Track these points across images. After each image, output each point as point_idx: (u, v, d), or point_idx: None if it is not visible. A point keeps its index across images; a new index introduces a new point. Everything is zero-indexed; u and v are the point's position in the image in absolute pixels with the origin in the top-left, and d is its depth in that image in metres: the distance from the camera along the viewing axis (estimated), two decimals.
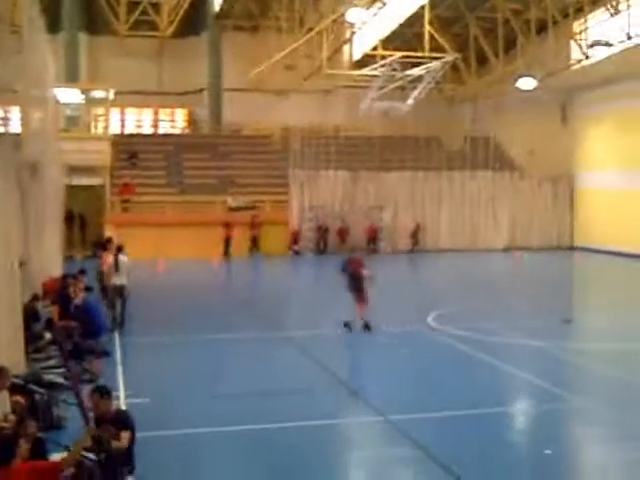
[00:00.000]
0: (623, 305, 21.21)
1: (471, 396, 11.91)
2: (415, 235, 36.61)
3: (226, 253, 33.93)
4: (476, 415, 10.91)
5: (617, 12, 30.93)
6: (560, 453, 9.48)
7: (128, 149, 38.18)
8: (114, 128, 39.10)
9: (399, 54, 30.46)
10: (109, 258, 17.26)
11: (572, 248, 38.17)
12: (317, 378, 13.10)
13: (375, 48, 35.53)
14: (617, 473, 8.90)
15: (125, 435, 7.85)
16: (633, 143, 34.36)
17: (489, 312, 19.64)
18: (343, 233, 36.01)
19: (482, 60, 38.49)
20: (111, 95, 36.02)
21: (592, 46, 33.32)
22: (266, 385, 12.65)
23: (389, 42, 35.92)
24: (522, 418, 11.54)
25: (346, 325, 16.69)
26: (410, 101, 32.57)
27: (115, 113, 40.24)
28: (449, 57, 30.93)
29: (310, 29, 32.64)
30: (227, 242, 34.03)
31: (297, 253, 35.37)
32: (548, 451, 9.48)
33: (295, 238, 35.73)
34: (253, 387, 12.54)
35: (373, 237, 36.25)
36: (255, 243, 34.81)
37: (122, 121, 42.31)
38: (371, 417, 10.95)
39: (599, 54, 33.80)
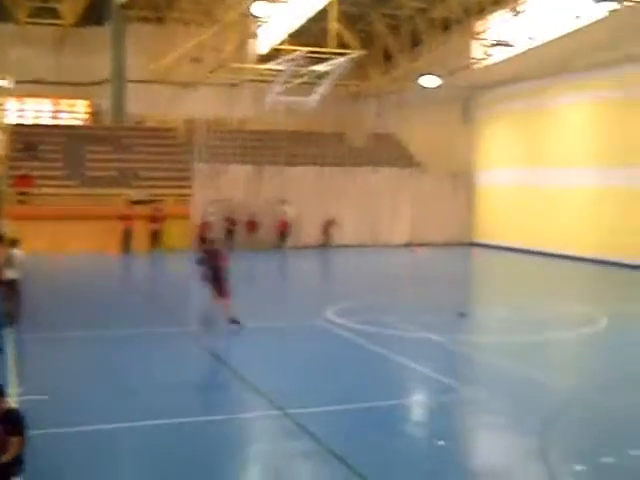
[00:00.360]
0: (517, 299, 21.78)
1: (368, 389, 12.04)
2: (327, 230, 36.59)
3: (127, 247, 33.31)
4: (372, 408, 11.02)
5: (518, 13, 31.73)
6: (452, 444, 9.66)
7: (26, 140, 37.09)
8: (13, 118, 37.87)
9: (305, 49, 30.47)
10: (2, 252, 16.73)
11: (472, 244, 39.01)
12: (217, 373, 13.05)
13: (282, 43, 35.49)
14: (506, 462, 9.11)
15: (14, 441, 7.54)
16: (529, 142, 35.38)
17: (387, 306, 19.91)
18: (252, 226, 35.88)
19: (387, 57, 38.94)
20: (9, 84, 34.91)
21: (493, 46, 34.15)
22: (165, 380, 12.47)
23: (296, 37, 35.90)
24: (417, 410, 11.72)
25: (233, 322, 16.27)
26: (315, 96, 32.64)
27: (14, 103, 39.01)
28: (354, 53, 31.12)
29: (217, 22, 32.37)
30: (127, 236, 33.39)
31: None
32: (441, 442, 9.66)
33: (203, 232, 35.02)
34: (152, 382, 12.37)
35: (284, 231, 36.20)
36: (157, 237, 34.30)
37: (21, 111, 41.09)
38: (269, 411, 10.93)
39: (500, 54, 34.66)
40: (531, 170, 35.28)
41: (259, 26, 35.28)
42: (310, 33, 37.41)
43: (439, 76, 34.82)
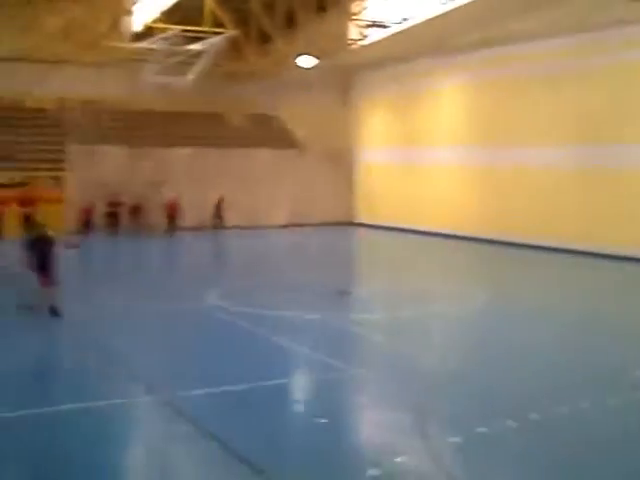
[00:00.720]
0: (397, 277, 22.14)
1: (248, 370, 11.93)
2: (218, 212, 35.55)
3: None
4: (252, 389, 10.92)
5: None
6: (334, 422, 9.68)
7: None
8: None
9: (179, 28, 29.88)
10: None
11: (353, 224, 39.43)
12: (95, 359, 12.64)
13: (156, 21, 34.66)
14: (386, 437, 9.20)
15: None
16: (407, 122, 35.99)
17: (269, 288, 19.87)
18: (136, 210, 34.84)
19: (264, 37, 38.65)
20: None
21: (369, 27, 34.42)
22: (39, 367, 12.05)
23: (170, 15, 35.14)
24: (298, 390, 11.70)
25: (54, 311, 15.30)
26: (191, 76, 32.10)
27: None
28: (229, 33, 30.74)
29: None
30: None
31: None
32: (323, 420, 9.67)
33: (87, 217, 33.84)
34: (25, 369, 11.89)
35: (173, 214, 35.11)
36: (28, 221, 33.00)
37: None
38: (148, 396, 10.69)
39: (376, 35, 34.98)
40: (409, 150, 35.91)
41: (134, 3, 34.36)
42: (184, 11, 36.73)
43: (316, 57, 34.84)
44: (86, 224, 33.58)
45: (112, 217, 33.97)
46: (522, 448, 8.70)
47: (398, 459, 8.25)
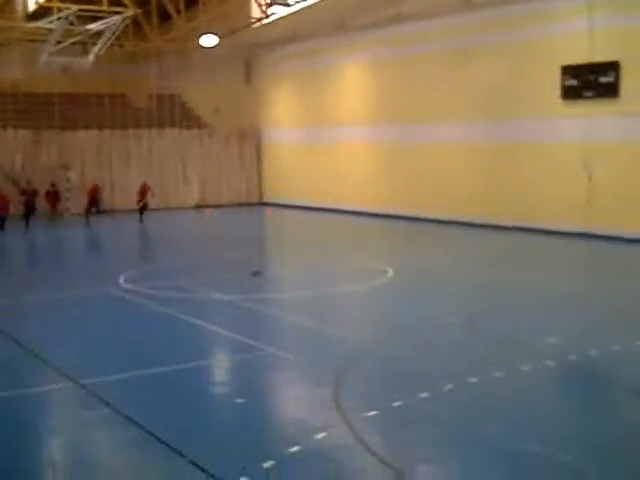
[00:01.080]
0: (308, 255, 22.32)
1: (162, 354, 11.90)
2: (143, 196, 32.46)
3: None
4: (167, 372, 10.91)
5: None
6: (251, 401, 9.77)
7: None
8: None
9: (76, 7, 29.14)
10: None
11: (261, 203, 39.41)
12: (3, 348, 12.37)
13: (51, 0, 33.72)
14: (303, 414, 9.33)
15: None
16: (310, 101, 36.09)
17: (181, 269, 19.79)
18: (53, 197, 33.16)
19: (165, 16, 38.07)
20: None
21: (270, 5, 34.31)
22: None
23: None
24: (214, 371, 11.73)
25: None
26: (91, 57, 31.43)
27: None
28: (129, 12, 30.18)
29: None
30: None
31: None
32: (240, 400, 9.75)
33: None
34: None
35: (95, 197, 33.52)
36: None
37: None
38: (61, 384, 10.53)
39: (278, 13, 34.90)
40: (314, 129, 36.05)
41: None
42: None
43: (218, 36, 34.56)
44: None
45: (29, 206, 31.22)
46: (435, 417, 8.99)
47: (318, 436, 8.40)
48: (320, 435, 8.40)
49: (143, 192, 32.46)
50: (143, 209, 32.01)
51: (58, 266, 21.95)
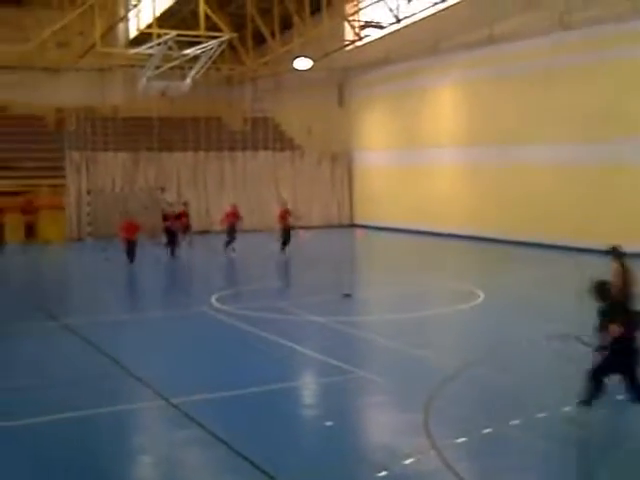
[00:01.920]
0: (399, 278, 22.18)
1: (254, 374, 12.00)
2: (285, 220, 28.29)
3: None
4: (259, 393, 11.00)
5: None
6: (340, 424, 9.76)
7: None
8: None
9: (175, 33, 29.89)
10: None
11: (352, 225, 39.47)
12: (99, 365, 12.71)
13: (151, 26, 34.75)
14: (392, 439, 9.26)
15: None
16: (403, 123, 36.03)
17: (274, 291, 19.99)
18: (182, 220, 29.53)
19: (260, 40, 38.74)
20: None
21: (364, 28, 34.53)
22: (47, 375, 12.11)
23: (165, 20, 35.24)
24: (304, 393, 11.76)
25: None
26: (188, 81, 32.12)
27: None
28: (225, 36, 30.75)
29: (81, 4, 31.37)
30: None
31: None
32: (329, 422, 9.75)
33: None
34: (32, 378, 11.95)
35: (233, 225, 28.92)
36: (31, 229, 33.21)
37: None
38: (154, 401, 10.74)
39: (371, 36, 35.08)
40: (406, 151, 35.97)
41: (129, 9, 34.39)
42: (180, 16, 36.83)
43: (312, 59, 34.93)
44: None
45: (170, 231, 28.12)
46: (526, 447, 8.77)
47: (406, 461, 8.32)
48: (408, 461, 8.32)
49: (284, 216, 28.28)
50: (286, 242, 27.63)
51: (158, 285, 22.41)
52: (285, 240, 27.52)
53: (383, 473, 8.00)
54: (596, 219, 25.96)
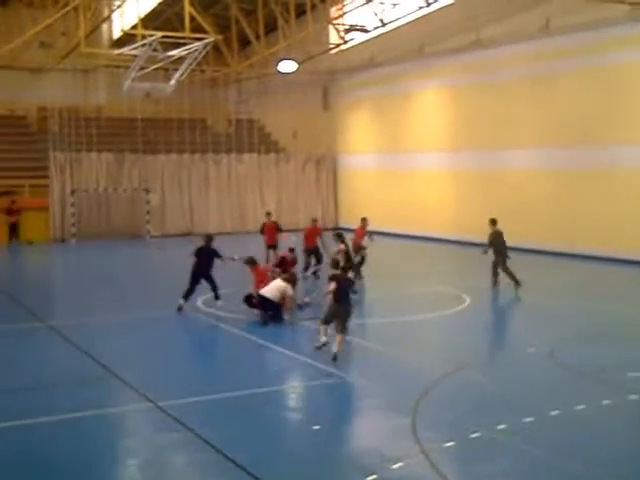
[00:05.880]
0: (384, 282, 22.17)
1: (243, 377, 12.02)
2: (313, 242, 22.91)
3: None
4: (248, 396, 10.99)
5: None
6: (327, 428, 9.76)
7: None
8: None
9: (159, 34, 29.79)
10: None
11: (336, 228, 39.46)
12: (85, 368, 12.64)
13: (135, 27, 34.63)
14: (379, 442, 9.25)
15: None
16: (388, 127, 36.09)
17: None
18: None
19: (244, 42, 38.73)
20: None
21: (349, 31, 34.58)
22: (31, 378, 12.04)
23: (150, 21, 35.15)
24: (291, 396, 11.74)
25: None
26: (172, 82, 32.04)
27: None
28: (210, 38, 30.69)
29: (65, 5, 31.19)
30: None
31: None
32: (317, 426, 9.74)
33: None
34: (17, 381, 11.90)
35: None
36: (14, 230, 33.02)
37: None
38: (141, 404, 10.70)
39: (356, 39, 35.14)
40: (390, 155, 36.03)
41: (113, 10, 34.25)
42: (164, 17, 36.76)
43: (297, 61, 34.94)
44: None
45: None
46: (514, 451, 8.82)
47: (394, 466, 8.33)
48: (397, 465, 8.34)
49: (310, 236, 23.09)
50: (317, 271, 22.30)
51: (135, 287, 22.29)
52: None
53: (372, 477, 8.00)
54: (581, 223, 26.14)
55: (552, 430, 9.48)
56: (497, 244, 20.11)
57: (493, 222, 20.91)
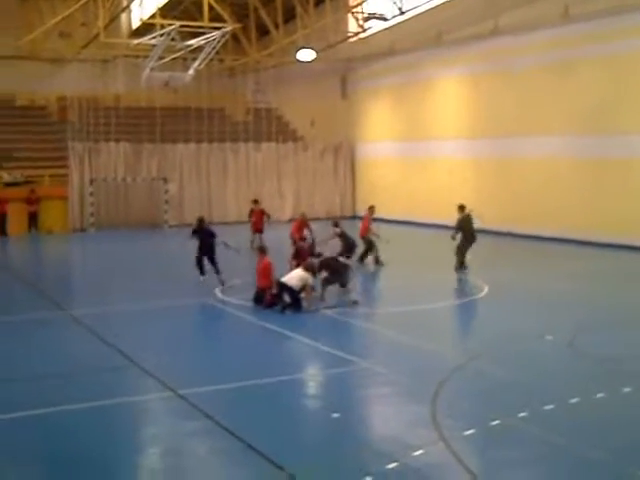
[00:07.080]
0: (403, 271, 22.14)
1: (262, 366, 12.06)
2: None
3: (2, 231, 32.22)
4: (266, 384, 11.04)
5: None
6: (347, 416, 9.79)
7: None
8: None
9: (178, 23, 29.86)
10: None
11: (355, 217, 39.44)
12: (106, 356, 12.74)
13: (154, 17, 34.69)
14: (399, 430, 9.28)
15: None
16: (407, 114, 35.96)
17: None
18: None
19: (263, 31, 38.67)
20: None
21: (367, 19, 34.44)
22: (53, 367, 12.15)
23: (168, 11, 35.19)
24: (311, 384, 11.80)
25: None
26: (191, 72, 32.11)
27: None
28: (228, 27, 30.71)
29: None
30: (2, 219, 32.33)
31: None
32: (336, 414, 9.77)
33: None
34: (41, 369, 12.02)
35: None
36: (34, 220, 33.26)
37: None
38: (162, 393, 10.78)
39: (375, 27, 35.01)
40: (409, 143, 35.90)
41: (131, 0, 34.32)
42: (182, 7, 36.77)
43: (315, 50, 34.87)
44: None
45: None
46: (534, 438, 8.82)
47: (415, 453, 8.35)
48: (417, 452, 8.37)
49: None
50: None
51: (158, 275, 22.40)
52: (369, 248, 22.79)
53: (393, 464, 8.04)
54: (599, 212, 26.01)
55: (572, 418, 9.48)
56: (466, 229, 21.13)
57: (461, 208, 21.64)
